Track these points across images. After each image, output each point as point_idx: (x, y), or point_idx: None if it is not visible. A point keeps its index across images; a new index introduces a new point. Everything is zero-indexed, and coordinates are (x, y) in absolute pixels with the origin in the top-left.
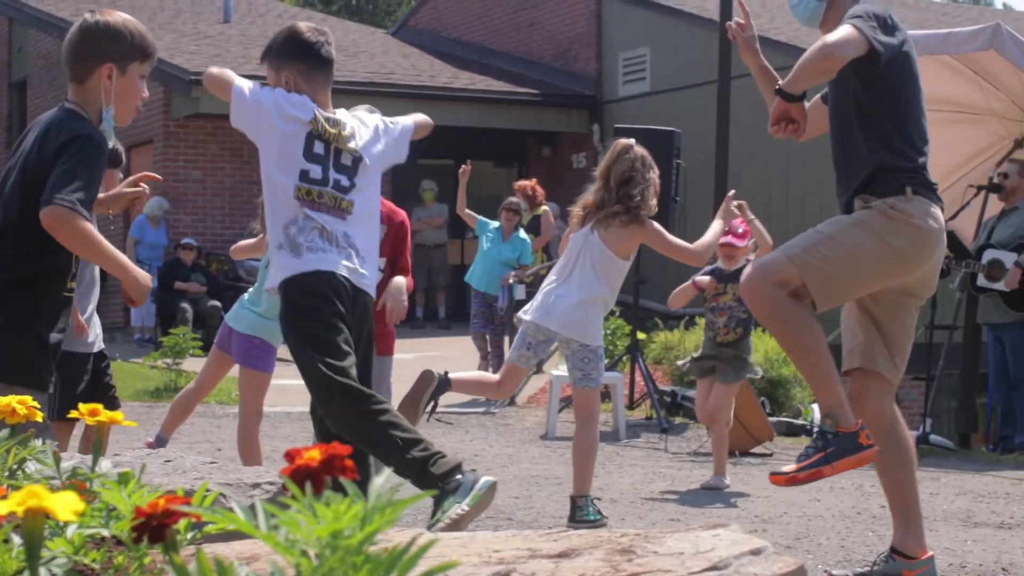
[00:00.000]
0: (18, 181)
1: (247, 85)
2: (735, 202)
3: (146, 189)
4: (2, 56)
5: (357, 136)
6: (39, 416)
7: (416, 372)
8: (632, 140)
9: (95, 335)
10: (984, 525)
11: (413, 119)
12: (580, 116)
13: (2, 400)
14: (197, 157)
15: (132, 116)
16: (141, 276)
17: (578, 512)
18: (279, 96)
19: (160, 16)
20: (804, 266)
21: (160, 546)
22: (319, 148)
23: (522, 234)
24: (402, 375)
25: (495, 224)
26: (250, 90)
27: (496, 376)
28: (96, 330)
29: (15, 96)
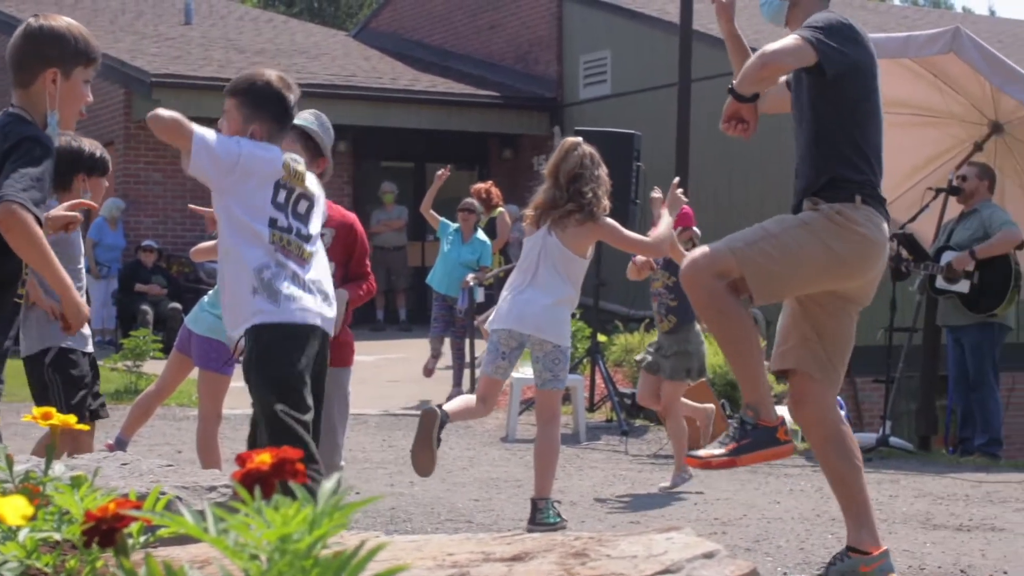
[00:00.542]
0: None
1: (209, 135)
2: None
3: (79, 217)
4: None
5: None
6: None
7: (378, 375)
8: (579, 138)
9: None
10: (943, 527)
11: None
12: (541, 118)
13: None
14: (158, 159)
15: (76, 120)
16: (82, 304)
17: (538, 515)
18: (250, 147)
19: (121, 18)
20: (745, 260)
21: (111, 550)
22: (282, 197)
23: (482, 236)
24: (363, 377)
25: (456, 226)
26: (217, 140)
27: (474, 398)
28: (86, 329)
29: None
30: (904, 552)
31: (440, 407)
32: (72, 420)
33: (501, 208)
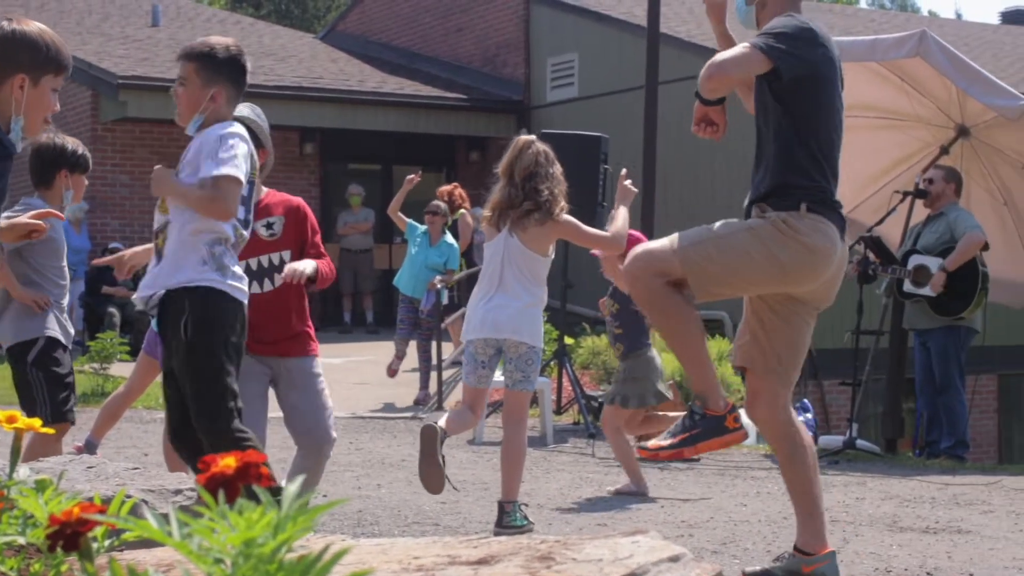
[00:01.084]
0: None
1: (243, 174)
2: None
3: (44, 226)
4: None
5: None
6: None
7: (345, 377)
8: (533, 136)
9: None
10: (909, 530)
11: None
12: (508, 121)
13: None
14: (124, 161)
15: (40, 128)
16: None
17: (505, 517)
18: (247, 163)
19: (88, 20)
20: (687, 261)
21: (76, 554)
22: (246, 190)
23: (450, 239)
24: (331, 379)
25: (423, 228)
26: (244, 175)
27: (463, 409)
28: (69, 326)
29: None
30: (871, 554)
31: (437, 423)
32: (37, 424)
33: (463, 210)
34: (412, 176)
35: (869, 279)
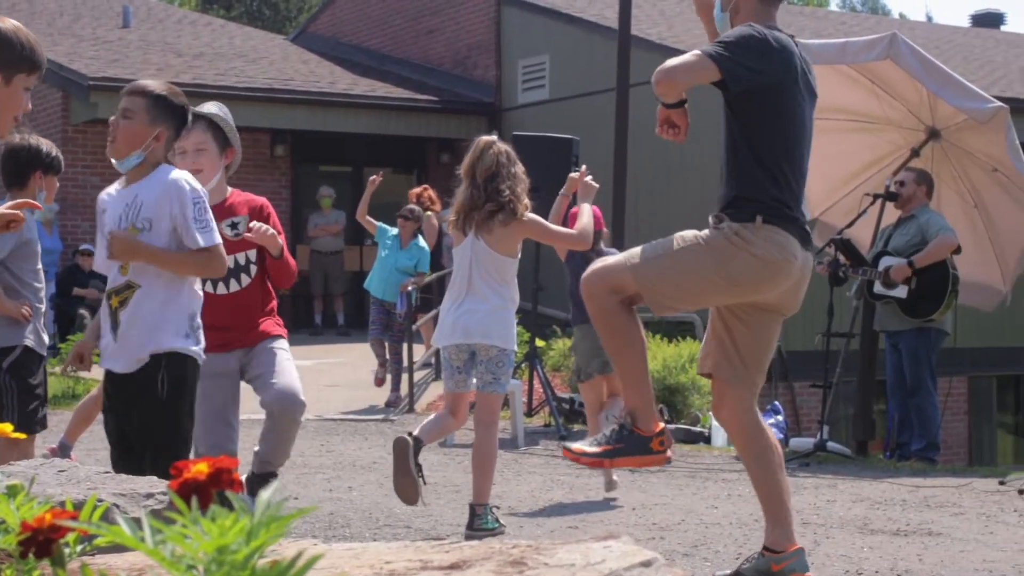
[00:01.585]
0: None
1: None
2: (587, 177)
3: (22, 216)
4: None
5: None
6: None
7: (317, 379)
8: (494, 136)
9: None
10: (880, 532)
11: None
12: (479, 123)
13: None
14: (96, 163)
15: (11, 128)
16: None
17: (477, 520)
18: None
19: (59, 21)
20: (641, 277)
21: (48, 560)
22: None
23: (421, 242)
24: (301, 381)
25: (394, 231)
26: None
27: (441, 416)
28: (44, 335)
29: None
30: (841, 557)
31: (410, 433)
32: (8, 428)
33: (429, 212)
34: (374, 177)
35: (840, 281)
